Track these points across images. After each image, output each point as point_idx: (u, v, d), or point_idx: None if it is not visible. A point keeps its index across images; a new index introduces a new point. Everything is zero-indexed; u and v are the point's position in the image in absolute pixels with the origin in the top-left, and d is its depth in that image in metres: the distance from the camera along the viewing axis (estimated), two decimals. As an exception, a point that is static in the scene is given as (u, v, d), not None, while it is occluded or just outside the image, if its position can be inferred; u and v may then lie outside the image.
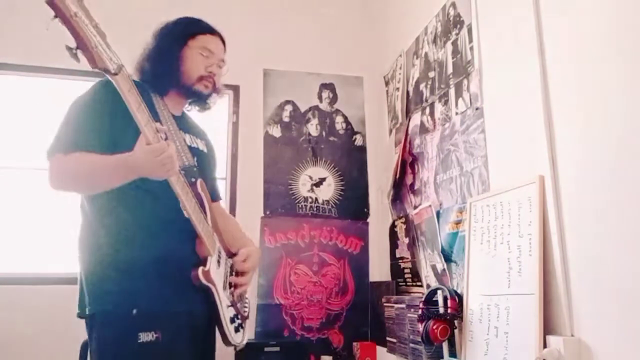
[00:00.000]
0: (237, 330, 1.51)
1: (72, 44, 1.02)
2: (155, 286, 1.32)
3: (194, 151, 1.54)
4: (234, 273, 1.55)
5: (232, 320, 1.49)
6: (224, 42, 1.63)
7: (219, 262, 1.47)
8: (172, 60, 1.50)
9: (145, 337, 1.27)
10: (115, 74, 1.10)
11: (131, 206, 1.35)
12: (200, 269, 1.36)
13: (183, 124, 1.57)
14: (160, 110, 1.48)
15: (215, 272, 1.41)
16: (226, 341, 1.48)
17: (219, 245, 1.49)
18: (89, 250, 1.36)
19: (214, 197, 1.69)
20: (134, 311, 1.28)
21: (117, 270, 1.31)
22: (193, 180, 1.44)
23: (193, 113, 1.67)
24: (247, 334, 1.61)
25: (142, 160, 1.20)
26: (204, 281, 1.36)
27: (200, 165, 1.54)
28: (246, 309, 1.63)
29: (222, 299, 1.44)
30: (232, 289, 1.52)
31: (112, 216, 1.35)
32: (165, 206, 1.34)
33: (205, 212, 1.44)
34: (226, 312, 1.46)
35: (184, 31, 1.54)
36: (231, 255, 1.58)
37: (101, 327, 1.30)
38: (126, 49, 1.47)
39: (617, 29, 1.24)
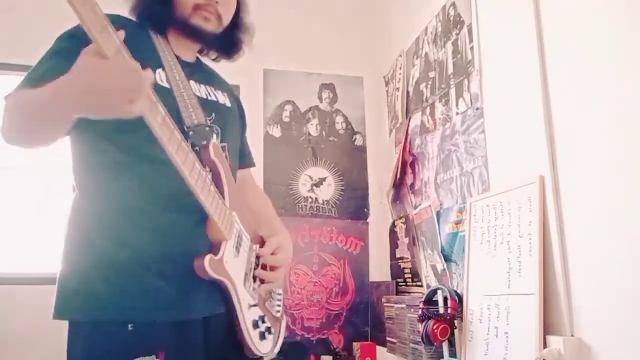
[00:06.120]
0: (262, 336, 1.18)
1: None
2: (156, 288, 1.02)
3: (210, 105, 1.20)
4: (260, 266, 1.22)
5: (256, 325, 1.16)
6: None
7: (237, 248, 1.12)
8: None
9: None
10: None
11: (123, 180, 1.05)
12: (208, 257, 1.02)
13: (195, 72, 1.24)
14: (162, 51, 1.16)
15: (231, 262, 1.08)
16: (248, 351, 1.14)
17: (239, 227, 1.14)
18: (74, 240, 1.07)
19: (244, 163, 1.38)
20: (130, 326, 0.99)
21: (109, 268, 1.01)
22: (204, 142, 1.09)
23: (218, 65, 1.36)
24: (280, 339, 1.28)
25: (89, 75, 0.82)
26: (211, 273, 1.02)
27: (221, 123, 1.19)
28: (278, 308, 1.29)
29: (242, 296, 1.11)
30: (258, 283, 1.19)
31: (101, 196, 1.06)
32: (168, 176, 0.99)
33: (221, 185, 1.10)
34: (247, 315, 1.13)
35: None
36: (260, 241, 1.24)
37: (87, 342, 1.01)
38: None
39: (617, 28, 1.24)
